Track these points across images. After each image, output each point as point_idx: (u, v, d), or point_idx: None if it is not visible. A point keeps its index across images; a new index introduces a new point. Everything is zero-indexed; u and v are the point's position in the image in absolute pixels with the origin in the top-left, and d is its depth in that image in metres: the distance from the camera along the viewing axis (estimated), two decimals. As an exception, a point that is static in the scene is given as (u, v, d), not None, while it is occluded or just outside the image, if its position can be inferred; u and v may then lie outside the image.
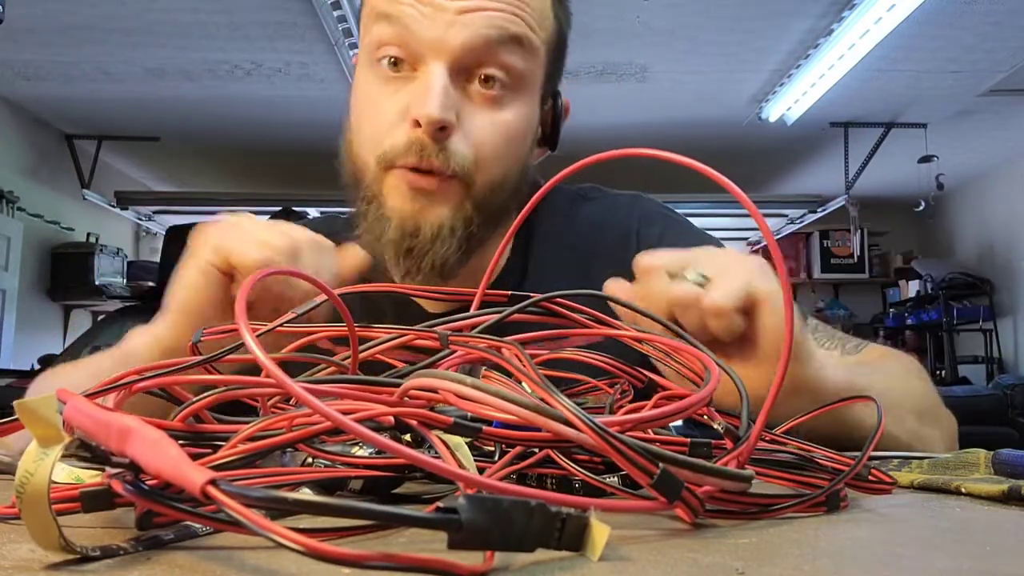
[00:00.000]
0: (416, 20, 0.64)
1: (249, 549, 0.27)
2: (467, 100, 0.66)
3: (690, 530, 0.31)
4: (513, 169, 0.70)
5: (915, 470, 0.48)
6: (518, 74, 0.67)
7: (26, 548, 0.27)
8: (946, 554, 0.27)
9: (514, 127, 0.68)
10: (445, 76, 0.64)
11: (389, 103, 0.67)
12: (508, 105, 0.67)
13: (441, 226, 0.66)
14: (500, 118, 0.67)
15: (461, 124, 0.65)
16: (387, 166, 0.67)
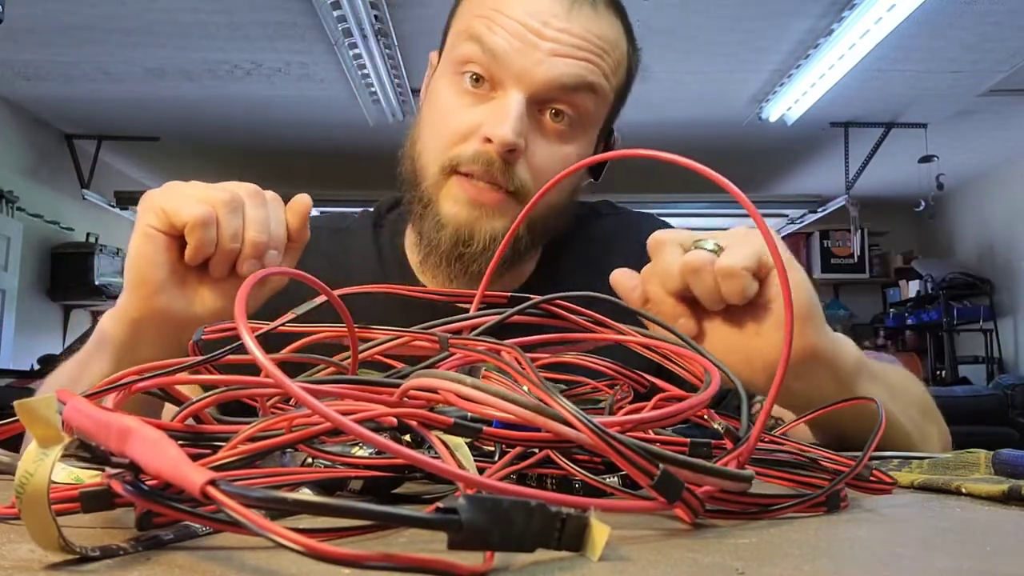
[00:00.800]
0: (508, 49, 0.69)
1: (249, 549, 0.27)
2: (536, 129, 0.71)
3: (690, 530, 0.31)
4: (566, 198, 0.76)
5: (915, 470, 0.48)
6: (586, 114, 0.72)
7: (26, 548, 0.27)
8: (946, 554, 0.27)
9: (574, 161, 0.70)
10: (523, 104, 0.68)
11: (464, 115, 0.71)
12: (572, 140, 0.72)
13: (494, 238, 0.70)
14: (564, 151, 0.72)
15: (527, 149, 0.70)
16: (449, 171, 0.71)
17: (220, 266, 0.58)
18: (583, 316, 0.49)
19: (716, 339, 0.51)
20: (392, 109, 4.21)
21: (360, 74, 3.74)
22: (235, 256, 0.57)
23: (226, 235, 0.56)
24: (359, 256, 0.85)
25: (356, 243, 0.86)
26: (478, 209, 0.70)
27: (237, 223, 0.57)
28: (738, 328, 0.51)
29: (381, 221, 0.89)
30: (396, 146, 0.83)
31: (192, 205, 0.55)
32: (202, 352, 0.44)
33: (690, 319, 0.52)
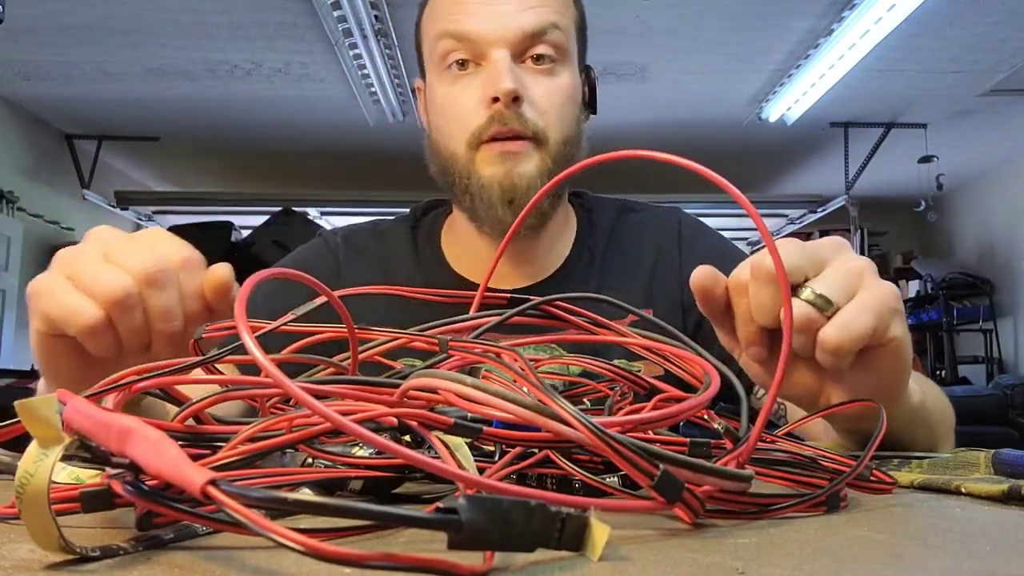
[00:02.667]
0: (476, 25, 0.78)
1: (249, 549, 0.27)
2: (527, 76, 0.79)
3: (690, 530, 0.31)
4: (572, 124, 0.81)
5: (915, 470, 0.48)
6: (562, 49, 0.80)
7: (26, 548, 0.27)
8: (946, 554, 0.27)
9: (567, 89, 0.81)
10: (508, 58, 0.78)
11: (465, 95, 0.79)
12: (560, 73, 0.81)
13: (530, 176, 0.77)
14: (557, 83, 0.80)
15: (526, 95, 0.78)
16: (476, 145, 0.79)
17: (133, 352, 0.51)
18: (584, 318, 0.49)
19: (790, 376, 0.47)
20: (392, 109, 4.21)
21: (360, 74, 3.74)
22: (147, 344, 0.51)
23: (128, 334, 0.49)
24: (399, 256, 0.90)
25: (395, 243, 0.91)
26: (511, 159, 0.77)
27: (137, 319, 0.49)
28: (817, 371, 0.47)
29: (417, 224, 0.94)
30: (396, 146, 0.87)
31: (79, 313, 0.48)
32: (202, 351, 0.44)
33: (764, 349, 0.47)
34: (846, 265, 0.45)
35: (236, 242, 4.39)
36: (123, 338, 0.50)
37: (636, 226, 0.92)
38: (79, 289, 0.49)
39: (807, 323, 0.43)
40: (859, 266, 0.45)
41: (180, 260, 0.51)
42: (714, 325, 0.50)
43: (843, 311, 0.43)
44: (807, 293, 0.43)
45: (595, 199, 0.95)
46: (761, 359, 0.47)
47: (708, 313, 0.49)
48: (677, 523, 0.32)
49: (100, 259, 0.50)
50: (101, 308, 0.48)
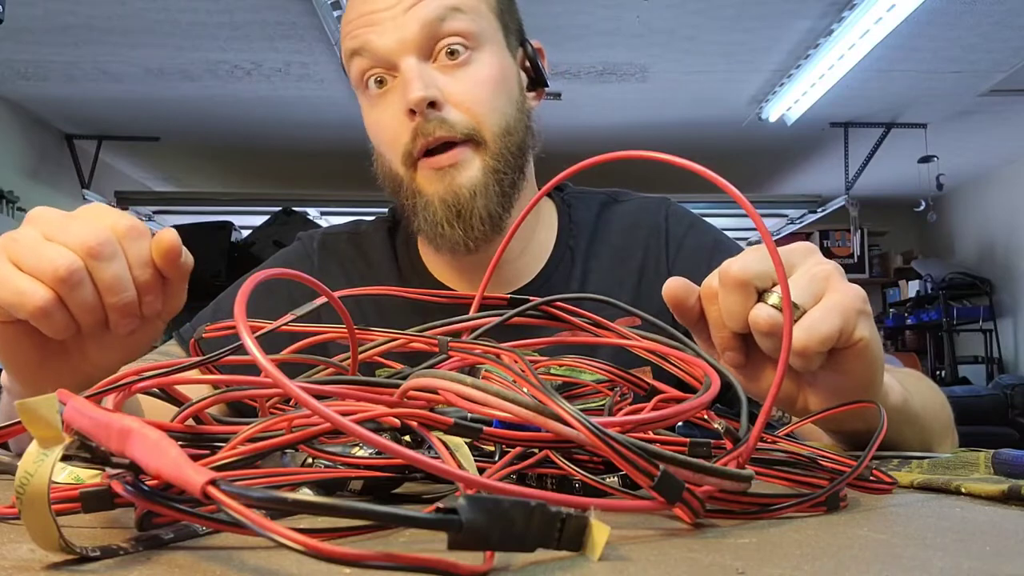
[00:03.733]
0: (373, 38, 0.73)
1: (249, 549, 0.27)
2: (442, 75, 0.74)
3: (690, 530, 0.31)
4: (510, 112, 0.76)
5: (915, 470, 0.48)
6: (472, 34, 0.74)
7: (26, 548, 0.27)
8: (946, 554, 0.27)
9: (491, 76, 0.75)
10: (415, 65, 0.72)
11: (388, 114, 0.75)
12: (475, 62, 0.75)
13: (474, 183, 0.73)
14: (476, 74, 0.74)
15: (447, 96, 0.73)
16: (411, 163, 0.75)
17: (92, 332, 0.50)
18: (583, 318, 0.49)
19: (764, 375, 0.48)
20: (392, 109, 4.21)
21: (360, 74, 3.74)
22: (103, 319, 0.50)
23: (81, 312, 0.48)
24: (378, 259, 0.87)
25: (374, 247, 0.88)
26: (449, 173, 0.73)
27: (87, 295, 0.48)
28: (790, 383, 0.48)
29: (396, 225, 0.90)
30: None
31: (28, 294, 0.47)
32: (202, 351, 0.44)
33: (740, 354, 0.48)
34: (812, 270, 0.45)
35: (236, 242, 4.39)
36: (77, 316, 0.49)
37: (621, 222, 0.86)
38: (24, 271, 0.48)
39: (773, 327, 0.44)
40: (825, 270, 0.45)
41: (124, 229, 0.49)
42: (692, 334, 0.51)
43: (809, 314, 0.44)
44: (773, 298, 0.44)
45: (576, 193, 0.90)
46: (737, 364, 0.48)
47: (684, 323, 0.50)
48: (677, 523, 0.32)
49: (40, 239, 0.50)
50: (48, 288, 0.47)
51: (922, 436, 0.58)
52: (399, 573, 0.20)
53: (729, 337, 0.48)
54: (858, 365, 0.46)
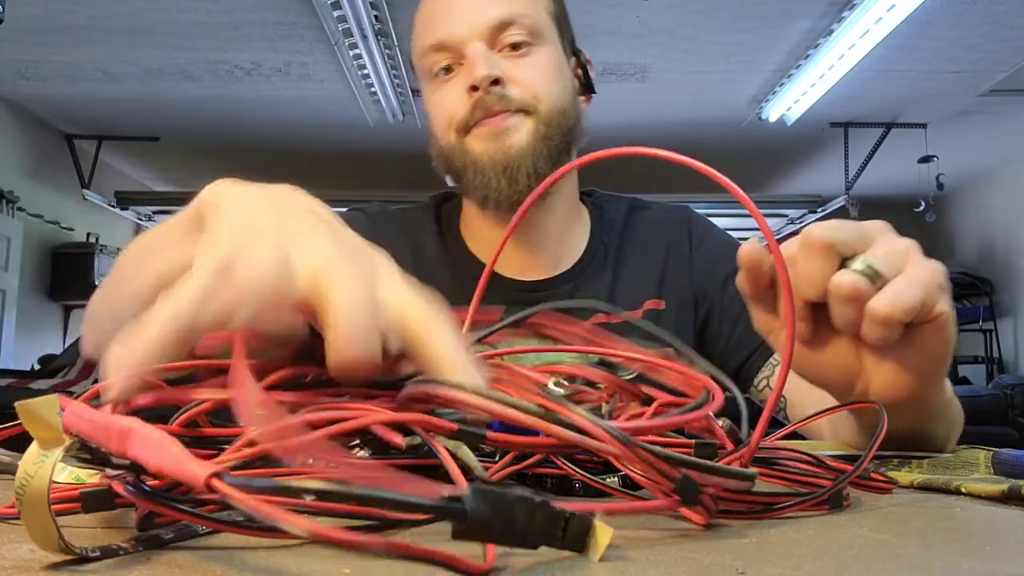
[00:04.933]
0: (450, 27, 0.82)
1: (249, 549, 0.27)
2: (506, 61, 0.82)
3: (690, 530, 0.31)
4: (564, 97, 0.83)
5: (915, 470, 0.48)
6: (534, 31, 0.83)
7: (26, 548, 0.27)
8: (946, 554, 0.27)
9: (549, 63, 0.83)
10: (482, 48, 0.81)
11: (450, 93, 0.83)
12: (536, 51, 0.83)
13: (523, 145, 0.79)
14: (535, 60, 0.83)
15: (509, 79, 0.81)
16: (464, 131, 0.82)
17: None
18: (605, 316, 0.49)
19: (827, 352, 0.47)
20: (392, 109, 4.20)
21: (360, 74, 3.74)
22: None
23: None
24: (426, 233, 0.93)
25: (422, 223, 0.94)
26: (501, 135, 0.80)
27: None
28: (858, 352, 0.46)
29: (438, 210, 0.96)
30: (396, 146, 0.89)
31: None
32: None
33: (809, 325, 0.46)
34: (892, 243, 0.44)
35: (236, 242, 4.39)
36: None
37: (647, 223, 0.93)
38: None
39: (856, 293, 0.42)
40: (905, 244, 0.44)
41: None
42: (752, 305, 0.49)
43: (893, 283, 0.42)
44: (858, 264, 0.43)
45: (606, 196, 0.97)
46: (805, 337, 0.46)
47: (750, 291, 0.47)
48: (677, 523, 0.32)
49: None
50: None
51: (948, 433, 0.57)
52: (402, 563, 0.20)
53: (801, 307, 0.45)
54: (936, 341, 0.44)
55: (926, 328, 0.44)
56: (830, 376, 0.47)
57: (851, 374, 0.47)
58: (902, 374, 0.45)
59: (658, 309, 0.86)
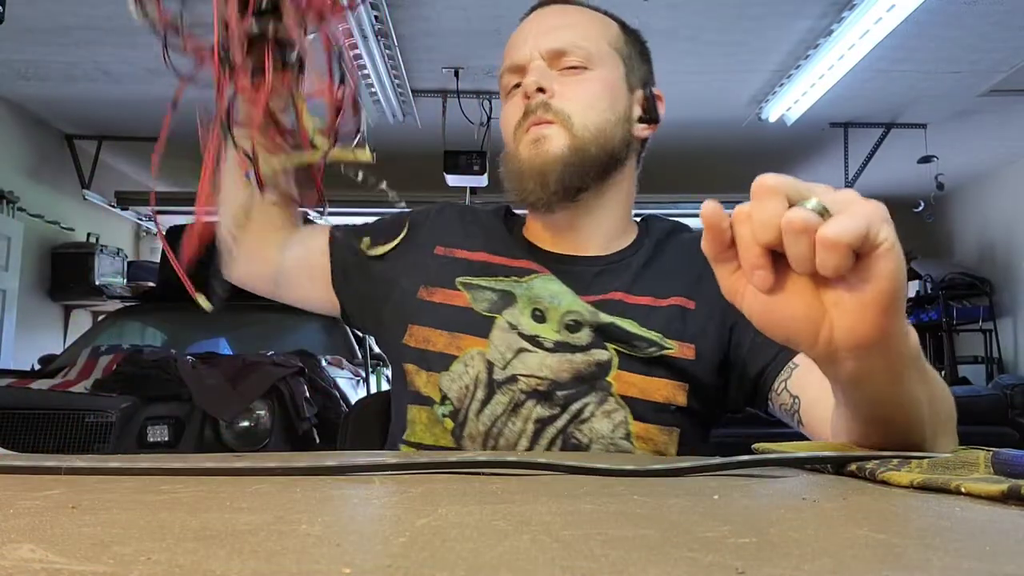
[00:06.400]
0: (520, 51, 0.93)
1: (250, 549, 0.27)
2: (559, 77, 0.91)
3: (690, 530, 0.31)
4: (605, 117, 0.91)
5: (915, 470, 0.48)
6: (590, 58, 0.92)
7: (26, 548, 0.27)
8: (946, 554, 0.27)
9: (596, 85, 0.91)
10: (540, 64, 0.91)
11: (512, 105, 0.94)
12: (589, 76, 0.92)
13: (556, 152, 0.88)
14: (585, 80, 0.91)
15: (556, 91, 0.90)
16: (518, 135, 0.91)
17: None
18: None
19: (790, 300, 0.49)
20: (392, 109, 4.21)
21: (360, 74, 3.74)
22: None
23: None
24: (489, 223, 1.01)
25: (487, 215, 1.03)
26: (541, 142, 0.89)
27: None
28: (818, 295, 0.49)
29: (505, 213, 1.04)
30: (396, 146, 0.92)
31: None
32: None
33: (770, 273, 0.48)
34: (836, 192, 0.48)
35: (236, 242, 4.39)
36: None
37: (690, 240, 0.99)
38: None
39: (807, 225, 0.45)
40: (849, 192, 0.48)
41: None
42: (717, 269, 0.51)
43: (838, 215, 0.46)
44: (808, 203, 0.46)
45: (657, 217, 1.04)
46: (767, 285, 0.48)
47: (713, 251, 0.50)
48: (676, 523, 0.32)
49: None
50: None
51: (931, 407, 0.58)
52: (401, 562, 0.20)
53: (759, 254, 0.48)
54: (885, 268, 0.46)
55: (874, 256, 0.46)
56: (794, 326, 0.49)
57: (814, 320, 0.49)
58: (860, 310, 0.47)
59: (686, 307, 0.88)
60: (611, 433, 0.82)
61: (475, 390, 0.85)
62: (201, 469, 0.50)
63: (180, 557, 0.26)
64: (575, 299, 0.87)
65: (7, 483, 0.45)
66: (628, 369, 0.84)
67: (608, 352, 0.84)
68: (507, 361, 0.84)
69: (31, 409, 2.47)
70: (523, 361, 0.84)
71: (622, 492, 0.42)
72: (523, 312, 0.87)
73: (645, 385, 0.83)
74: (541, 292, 0.88)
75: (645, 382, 0.84)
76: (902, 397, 0.54)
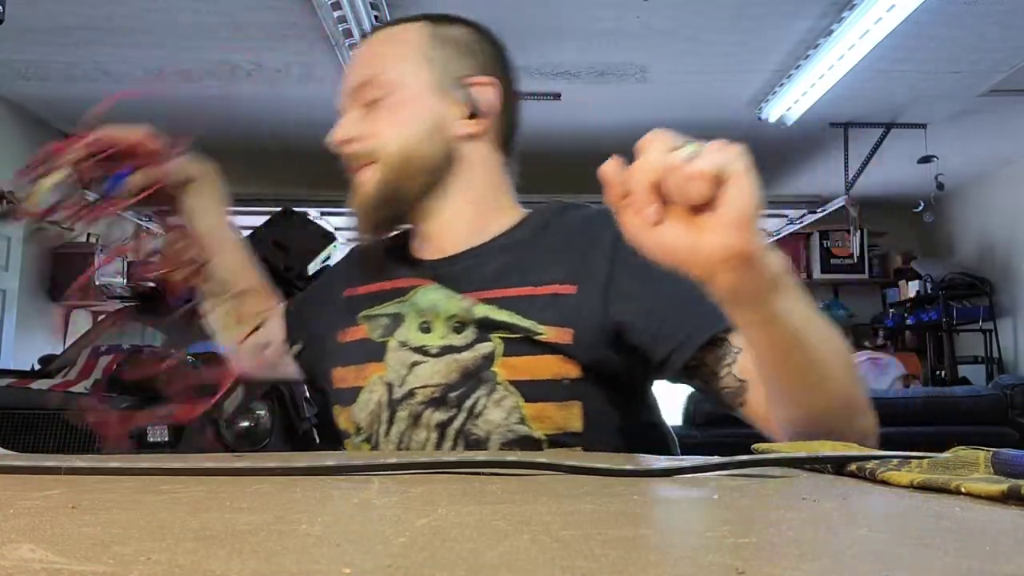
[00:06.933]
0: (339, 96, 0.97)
1: (249, 550, 0.27)
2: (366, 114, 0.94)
3: (690, 530, 0.31)
4: (416, 136, 0.92)
5: (915, 470, 0.48)
6: (389, 83, 0.93)
7: (26, 548, 0.27)
8: (946, 554, 0.27)
9: (397, 109, 0.93)
10: (347, 110, 0.95)
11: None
12: (390, 101, 0.93)
13: (368, 196, 0.93)
14: (385, 109, 0.93)
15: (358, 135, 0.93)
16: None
17: None
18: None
19: (675, 229, 0.60)
20: (392, 109, 4.21)
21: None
22: None
23: None
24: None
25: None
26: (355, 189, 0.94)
27: None
28: (692, 223, 0.60)
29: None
30: None
31: None
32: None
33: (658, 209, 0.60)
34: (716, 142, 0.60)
35: (236, 242, 4.39)
36: None
37: (574, 218, 0.97)
38: None
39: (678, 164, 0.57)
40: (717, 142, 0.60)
41: None
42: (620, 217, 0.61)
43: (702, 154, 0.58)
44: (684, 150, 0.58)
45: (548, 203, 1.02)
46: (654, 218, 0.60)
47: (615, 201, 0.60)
48: (676, 523, 0.32)
49: None
50: None
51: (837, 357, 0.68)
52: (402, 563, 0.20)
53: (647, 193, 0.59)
54: (737, 192, 0.59)
55: (729, 184, 0.58)
56: (681, 250, 0.60)
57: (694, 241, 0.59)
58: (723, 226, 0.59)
59: (564, 293, 0.88)
60: (505, 420, 0.83)
61: (380, 413, 0.89)
62: (201, 469, 0.50)
63: (180, 557, 0.26)
64: (454, 301, 0.89)
65: (7, 483, 0.45)
66: (514, 354, 0.85)
67: (492, 343, 0.86)
68: (403, 378, 0.88)
69: (31, 409, 2.47)
70: (416, 374, 0.87)
71: (622, 492, 0.42)
72: (411, 328, 0.90)
73: (532, 365, 0.85)
74: (423, 303, 0.91)
75: (532, 362, 0.85)
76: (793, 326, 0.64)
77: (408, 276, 0.95)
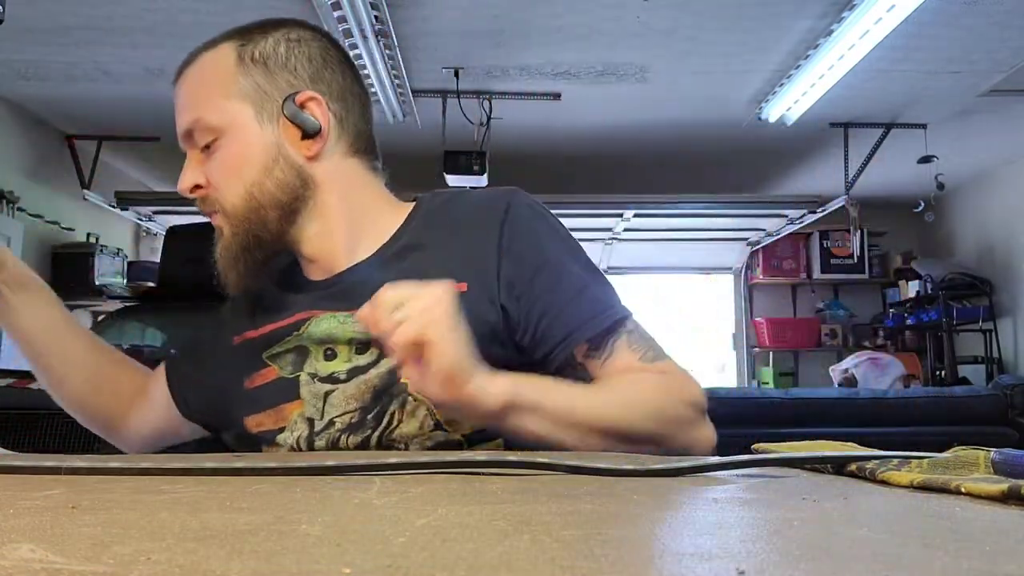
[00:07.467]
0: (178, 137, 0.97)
1: (250, 550, 0.27)
2: (205, 161, 0.93)
3: (690, 530, 0.31)
4: (246, 181, 0.90)
5: (915, 470, 0.48)
6: (212, 127, 0.92)
7: (26, 548, 0.27)
8: (946, 554, 0.27)
9: (232, 158, 0.91)
10: (188, 158, 0.94)
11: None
12: (221, 149, 0.92)
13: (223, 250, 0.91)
14: (221, 161, 0.91)
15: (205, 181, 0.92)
16: None
17: None
18: None
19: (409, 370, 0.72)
20: (392, 109, 4.21)
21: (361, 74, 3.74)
22: None
23: None
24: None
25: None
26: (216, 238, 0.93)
27: None
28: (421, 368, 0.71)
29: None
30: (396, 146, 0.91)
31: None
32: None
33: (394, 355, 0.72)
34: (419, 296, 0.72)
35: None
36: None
37: (462, 206, 0.94)
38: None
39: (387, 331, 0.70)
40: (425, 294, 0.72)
41: None
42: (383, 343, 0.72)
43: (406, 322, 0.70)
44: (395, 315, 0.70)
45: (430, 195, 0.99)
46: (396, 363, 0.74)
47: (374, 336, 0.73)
48: (676, 523, 0.32)
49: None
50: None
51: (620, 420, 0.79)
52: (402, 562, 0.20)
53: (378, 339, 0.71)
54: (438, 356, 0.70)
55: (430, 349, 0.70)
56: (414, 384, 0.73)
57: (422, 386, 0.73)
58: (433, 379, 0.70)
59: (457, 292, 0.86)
60: (419, 431, 0.83)
61: (300, 450, 0.87)
62: (201, 469, 0.50)
63: (180, 557, 0.26)
64: (347, 325, 0.87)
65: (7, 483, 0.45)
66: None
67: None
68: (321, 410, 0.87)
69: (31, 409, 2.47)
70: (331, 403, 0.86)
71: (622, 492, 0.42)
72: (317, 358, 0.88)
73: None
74: (318, 332, 0.89)
75: None
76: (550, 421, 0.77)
77: (297, 310, 0.92)
